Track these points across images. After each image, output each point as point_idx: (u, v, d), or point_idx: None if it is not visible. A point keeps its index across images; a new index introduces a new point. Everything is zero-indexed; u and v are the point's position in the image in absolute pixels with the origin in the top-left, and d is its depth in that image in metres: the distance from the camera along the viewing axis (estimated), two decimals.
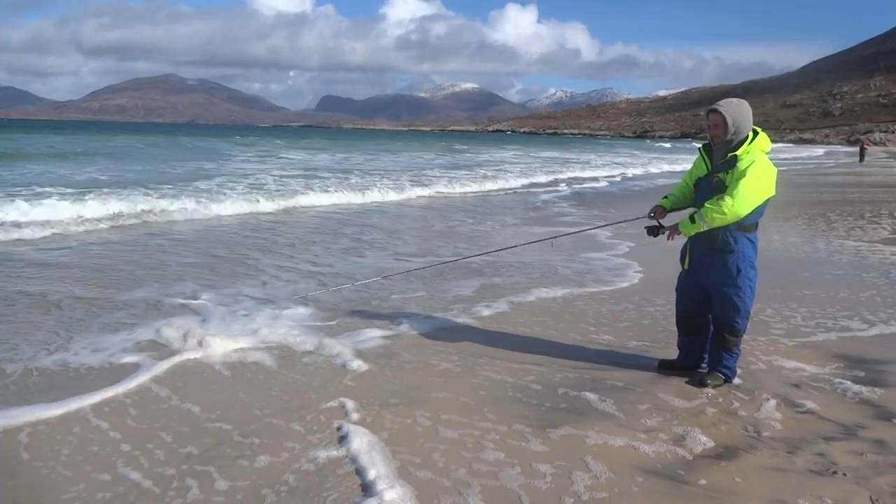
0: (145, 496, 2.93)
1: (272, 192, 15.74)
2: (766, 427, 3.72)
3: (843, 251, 9.45)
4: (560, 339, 5.27)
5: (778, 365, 4.73)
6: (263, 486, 3.02)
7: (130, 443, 3.40)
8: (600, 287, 7.03)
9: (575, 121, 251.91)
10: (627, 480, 3.12)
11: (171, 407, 3.85)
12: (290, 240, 9.82)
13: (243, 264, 7.82)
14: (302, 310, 5.84)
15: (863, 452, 3.43)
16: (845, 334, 5.50)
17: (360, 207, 14.66)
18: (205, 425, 3.62)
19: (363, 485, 3.03)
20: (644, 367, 4.65)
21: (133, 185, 16.15)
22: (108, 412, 3.76)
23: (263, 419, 3.70)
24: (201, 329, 5.15)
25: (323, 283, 6.93)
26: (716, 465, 3.28)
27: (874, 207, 15.43)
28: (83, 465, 3.18)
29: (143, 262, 7.76)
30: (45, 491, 2.96)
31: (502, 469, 3.19)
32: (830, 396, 4.19)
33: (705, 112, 4.24)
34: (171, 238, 9.63)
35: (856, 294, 6.84)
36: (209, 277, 7.06)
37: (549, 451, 3.38)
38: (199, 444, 3.39)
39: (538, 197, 18.39)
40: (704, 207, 4.08)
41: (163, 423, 3.64)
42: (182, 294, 6.28)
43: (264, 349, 4.84)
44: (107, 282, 6.71)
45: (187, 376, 4.32)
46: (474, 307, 6.14)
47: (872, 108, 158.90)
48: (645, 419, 3.79)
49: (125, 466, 3.17)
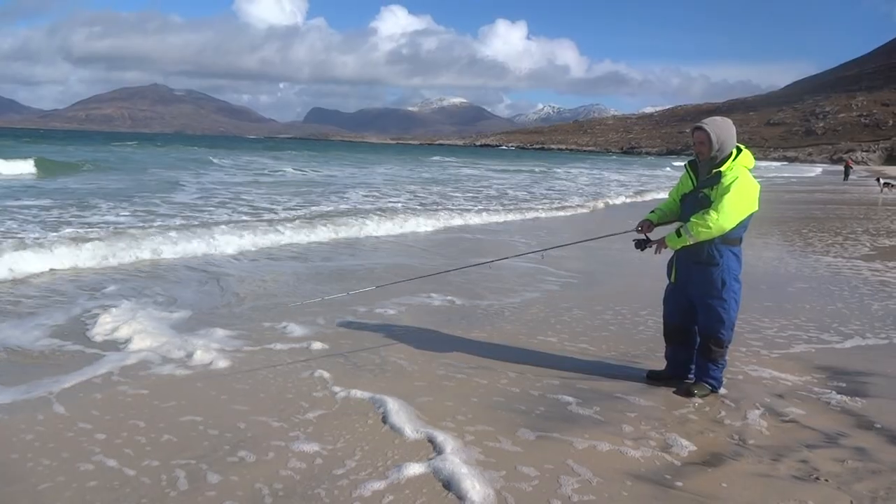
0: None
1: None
2: (751, 435, 3.82)
3: (824, 266, 9.64)
4: (549, 349, 5.36)
5: (762, 376, 4.84)
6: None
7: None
8: (589, 296, 7.12)
9: (562, 136, 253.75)
10: (616, 485, 3.20)
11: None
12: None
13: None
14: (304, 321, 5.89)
15: (844, 459, 3.53)
16: (826, 346, 5.64)
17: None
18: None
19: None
20: (632, 377, 4.75)
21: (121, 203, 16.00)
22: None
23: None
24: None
25: (346, 289, 6.98)
26: (702, 472, 3.37)
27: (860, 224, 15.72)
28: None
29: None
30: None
31: (489, 473, 3.26)
32: (813, 406, 4.30)
33: (690, 129, 4.38)
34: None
35: (836, 307, 7.00)
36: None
37: (537, 457, 3.45)
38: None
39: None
40: (690, 222, 4.19)
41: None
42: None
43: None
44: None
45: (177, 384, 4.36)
46: (464, 317, 6.22)
47: (854, 127, 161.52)
48: (633, 427, 3.87)
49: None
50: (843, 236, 13.47)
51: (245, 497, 3.00)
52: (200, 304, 6.42)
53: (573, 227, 14.93)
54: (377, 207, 15.97)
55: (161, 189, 18.91)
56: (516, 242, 11.70)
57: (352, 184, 25.29)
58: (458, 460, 3.36)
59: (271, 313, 6.13)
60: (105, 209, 13.43)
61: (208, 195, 17.85)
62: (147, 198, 16.08)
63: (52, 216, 11.96)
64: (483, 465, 3.34)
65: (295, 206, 15.80)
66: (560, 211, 18.40)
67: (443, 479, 3.19)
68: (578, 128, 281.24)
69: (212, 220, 12.20)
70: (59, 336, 5.22)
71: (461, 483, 3.13)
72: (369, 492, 3.07)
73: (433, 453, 3.46)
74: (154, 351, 4.92)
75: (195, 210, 14.22)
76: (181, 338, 5.21)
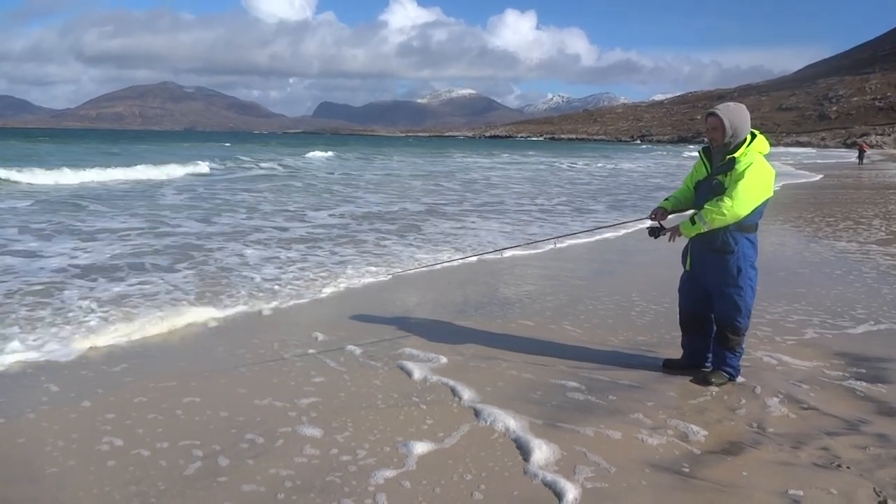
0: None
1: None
2: (770, 423, 3.78)
3: (844, 251, 9.53)
4: (562, 338, 5.34)
5: (781, 363, 4.79)
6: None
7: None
8: (604, 286, 7.08)
9: (572, 125, 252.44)
10: (635, 475, 3.18)
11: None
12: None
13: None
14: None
15: (866, 446, 3.49)
16: (842, 332, 5.58)
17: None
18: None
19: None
20: (648, 366, 4.71)
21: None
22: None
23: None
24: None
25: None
26: (722, 460, 3.34)
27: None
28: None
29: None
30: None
31: (508, 462, 3.25)
32: (832, 393, 4.25)
33: (703, 116, 4.32)
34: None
35: (851, 292, 6.91)
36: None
37: (555, 447, 3.43)
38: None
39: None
40: (704, 209, 4.14)
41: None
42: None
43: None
44: None
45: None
46: (478, 308, 6.21)
47: (868, 111, 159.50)
48: (650, 416, 3.85)
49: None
50: (854, 220, 13.31)
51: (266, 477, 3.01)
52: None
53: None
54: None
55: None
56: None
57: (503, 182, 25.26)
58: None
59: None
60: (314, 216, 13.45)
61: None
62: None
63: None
64: (502, 457, 3.33)
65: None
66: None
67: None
68: (588, 117, 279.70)
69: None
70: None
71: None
72: (382, 479, 3.07)
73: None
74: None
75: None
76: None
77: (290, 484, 3.07)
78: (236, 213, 13.40)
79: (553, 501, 2.95)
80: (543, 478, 3.13)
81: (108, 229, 10.62)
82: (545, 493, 3.01)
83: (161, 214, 12.67)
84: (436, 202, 16.79)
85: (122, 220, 11.85)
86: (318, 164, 35.42)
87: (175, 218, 12.21)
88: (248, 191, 18.76)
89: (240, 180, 22.99)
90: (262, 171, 28.59)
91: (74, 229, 10.54)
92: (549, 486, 3.06)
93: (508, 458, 3.32)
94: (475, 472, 3.18)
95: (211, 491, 3.01)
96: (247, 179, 23.62)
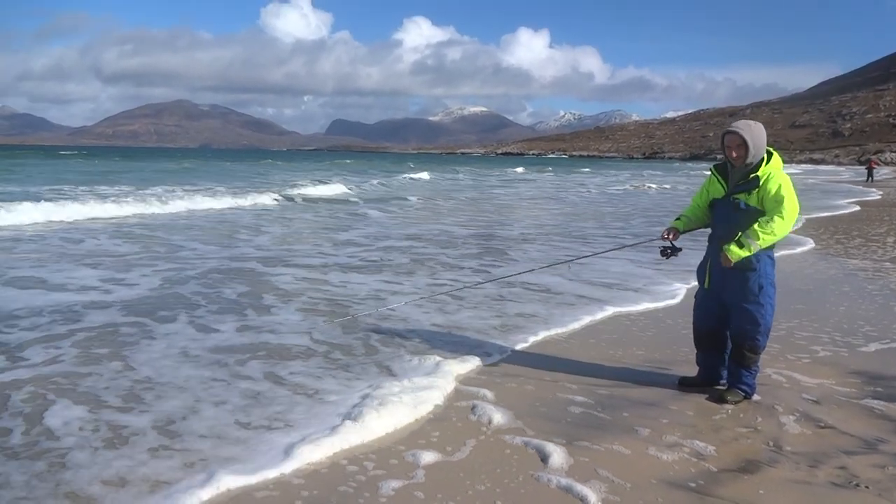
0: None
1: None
2: (787, 441, 3.76)
3: (849, 269, 9.46)
4: (577, 356, 5.33)
5: (796, 381, 4.77)
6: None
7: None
8: (618, 308, 7.07)
9: (584, 143, 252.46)
10: (651, 493, 3.17)
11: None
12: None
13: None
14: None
15: (884, 465, 3.46)
16: (857, 350, 5.54)
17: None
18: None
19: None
20: (663, 384, 4.70)
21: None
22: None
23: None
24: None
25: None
26: (738, 479, 3.32)
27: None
28: None
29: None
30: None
31: (523, 478, 3.26)
32: (849, 411, 4.22)
33: (721, 134, 4.32)
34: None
35: (868, 311, 6.86)
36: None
37: (570, 464, 3.43)
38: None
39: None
40: (753, 230, 4.09)
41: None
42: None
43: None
44: None
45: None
46: (494, 326, 6.22)
47: (883, 128, 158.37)
48: (666, 434, 3.83)
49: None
50: (866, 238, 13.21)
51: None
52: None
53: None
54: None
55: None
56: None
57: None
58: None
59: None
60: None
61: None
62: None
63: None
64: (517, 473, 3.33)
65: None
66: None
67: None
68: (600, 134, 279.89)
69: None
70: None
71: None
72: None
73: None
74: None
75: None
76: None
77: (307, 493, 3.08)
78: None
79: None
80: (559, 483, 3.13)
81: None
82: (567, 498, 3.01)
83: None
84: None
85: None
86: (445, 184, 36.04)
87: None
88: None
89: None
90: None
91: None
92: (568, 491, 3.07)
93: (521, 472, 3.32)
94: (488, 485, 3.18)
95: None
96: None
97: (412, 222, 16.03)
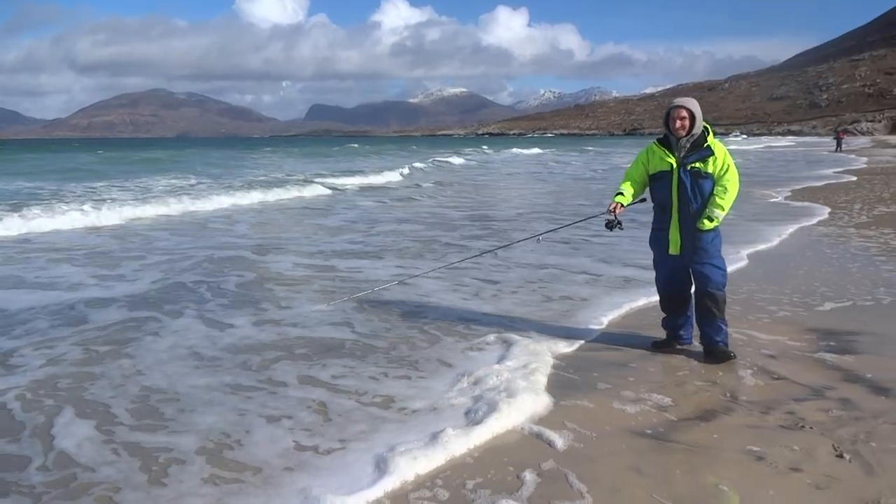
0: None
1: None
2: (743, 392, 4.07)
3: (816, 234, 9.83)
4: (549, 321, 5.61)
5: (755, 338, 5.09)
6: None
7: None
8: (591, 273, 7.36)
9: (564, 121, 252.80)
10: (614, 441, 3.46)
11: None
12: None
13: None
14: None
15: (829, 409, 3.78)
16: (815, 309, 5.89)
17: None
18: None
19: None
20: (635, 345, 5.00)
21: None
22: None
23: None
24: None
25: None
26: (696, 426, 3.62)
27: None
28: None
29: None
30: None
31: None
32: (803, 364, 4.54)
33: (667, 110, 4.60)
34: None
35: (825, 273, 7.21)
36: None
37: (541, 416, 3.72)
38: None
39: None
40: (716, 203, 4.49)
41: None
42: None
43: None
44: None
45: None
46: (475, 294, 6.48)
47: (858, 98, 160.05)
48: (632, 390, 4.13)
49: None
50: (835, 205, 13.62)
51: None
52: None
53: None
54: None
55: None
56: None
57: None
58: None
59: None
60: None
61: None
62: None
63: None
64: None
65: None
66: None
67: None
68: (580, 112, 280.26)
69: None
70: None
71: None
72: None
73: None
74: None
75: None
76: None
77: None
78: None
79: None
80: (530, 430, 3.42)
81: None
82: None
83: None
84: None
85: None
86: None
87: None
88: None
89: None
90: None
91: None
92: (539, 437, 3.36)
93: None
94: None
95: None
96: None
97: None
